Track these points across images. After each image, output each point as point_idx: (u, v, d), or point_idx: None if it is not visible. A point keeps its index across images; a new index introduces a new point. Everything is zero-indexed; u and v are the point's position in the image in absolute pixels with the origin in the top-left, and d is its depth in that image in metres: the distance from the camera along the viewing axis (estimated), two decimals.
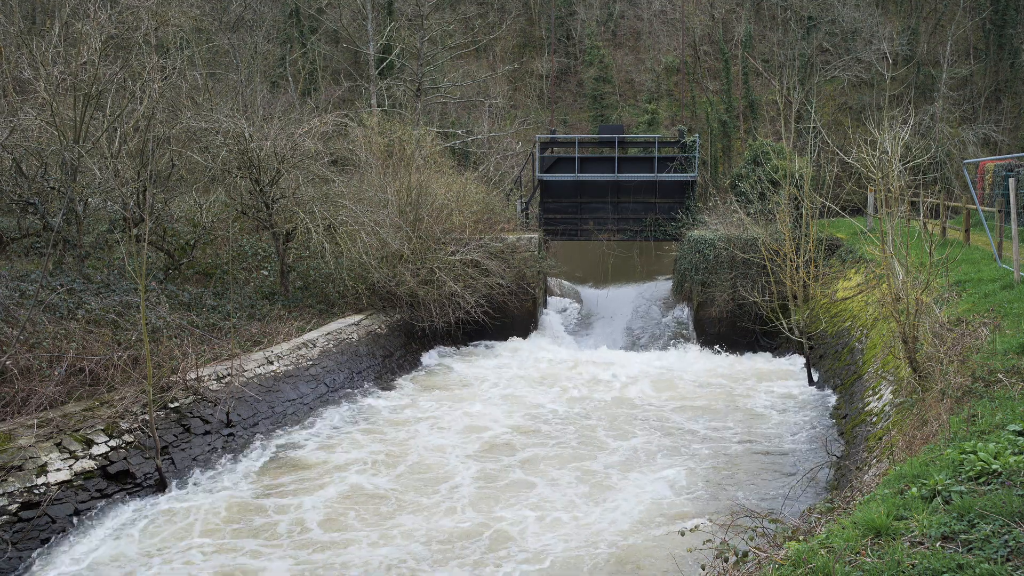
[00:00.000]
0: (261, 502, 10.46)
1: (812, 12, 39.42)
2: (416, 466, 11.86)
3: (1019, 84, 37.34)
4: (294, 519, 9.93)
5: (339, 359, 15.94)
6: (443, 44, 34.64)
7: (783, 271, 16.39)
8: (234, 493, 10.69)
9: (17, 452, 9.19)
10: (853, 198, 20.70)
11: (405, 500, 10.57)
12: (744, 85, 39.21)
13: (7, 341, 10.78)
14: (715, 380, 17.25)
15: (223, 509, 10.14)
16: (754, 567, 5.44)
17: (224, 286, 16.77)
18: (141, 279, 10.89)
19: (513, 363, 18.94)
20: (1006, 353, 8.37)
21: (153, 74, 16.72)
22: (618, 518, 9.85)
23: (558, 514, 10.07)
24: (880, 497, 5.44)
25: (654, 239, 24.82)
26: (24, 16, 23.36)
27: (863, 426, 11.26)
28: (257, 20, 34.23)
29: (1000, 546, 4.27)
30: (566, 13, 44.72)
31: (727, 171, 33.62)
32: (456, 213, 20.84)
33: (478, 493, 10.85)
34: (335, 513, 10.14)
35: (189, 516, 9.88)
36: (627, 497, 10.52)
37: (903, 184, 10.81)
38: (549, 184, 24.99)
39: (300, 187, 17.27)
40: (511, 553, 9.00)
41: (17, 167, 14.34)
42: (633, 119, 38.56)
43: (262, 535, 9.49)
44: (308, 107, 27.59)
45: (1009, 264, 13.03)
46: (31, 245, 15.65)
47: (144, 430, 10.66)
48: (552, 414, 14.63)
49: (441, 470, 11.70)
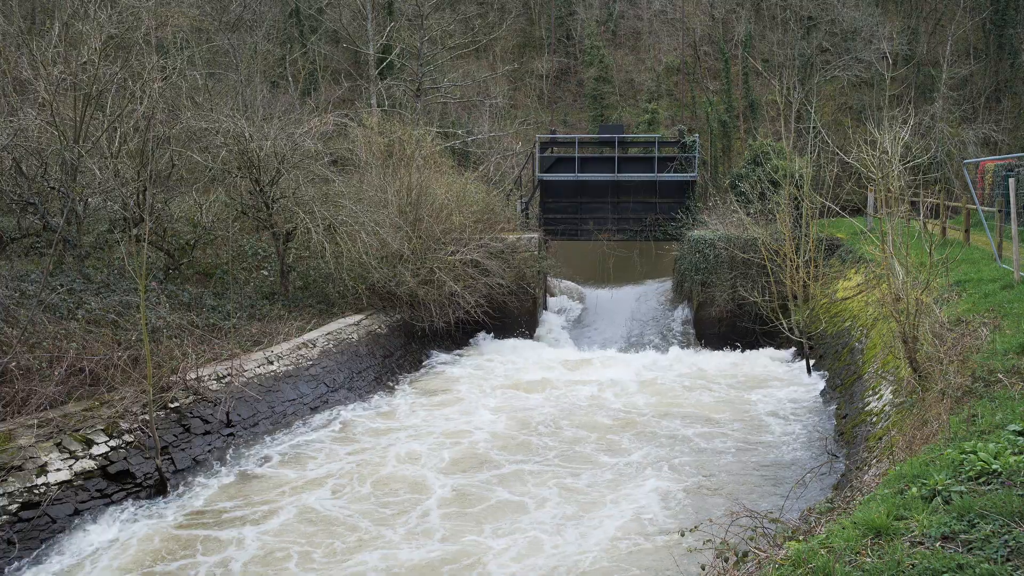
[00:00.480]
0: (194, 533, 9.43)
1: (812, 12, 39.41)
2: (385, 482, 11.01)
3: (1019, 84, 37.33)
4: (220, 561, 8.77)
5: (339, 359, 15.93)
6: (443, 44, 34.62)
7: (783, 271, 16.40)
8: (159, 526, 9.60)
9: (17, 452, 9.19)
10: (853, 198, 20.68)
11: (363, 529, 9.64)
12: (744, 85, 39.20)
13: (7, 341, 10.77)
14: (715, 380, 17.24)
15: (137, 545, 9.03)
16: (754, 567, 5.44)
17: (224, 286, 16.77)
18: (141, 279, 10.88)
19: (512, 365, 18.92)
20: (1006, 353, 8.37)
21: (153, 74, 16.72)
22: (605, 531, 9.54)
23: (548, 537, 9.31)
24: (880, 497, 5.44)
25: (654, 239, 24.81)
26: (24, 16, 23.34)
27: (863, 426, 11.26)
28: (257, 20, 34.23)
29: (1000, 546, 4.27)
30: (566, 13, 44.71)
31: (727, 171, 33.60)
32: (456, 213, 20.83)
33: (454, 515, 10.04)
34: (277, 549, 9.10)
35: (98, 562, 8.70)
36: (621, 511, 10.11)
37: (903, 184, 10.80)
38: (549, 184, 24.98)
39: (300, 187, 17.26)
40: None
41: (17, 167, 14.34)
42: (633, 119, 38.54)
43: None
44: (308, 107, 27.59)
45: (1009, 264, 13.03)
46: (31, 245, 15.64)
47: (144, 430, 10.65)
48: (550, 419, 14.62)
49: (417, 489, 10.83)
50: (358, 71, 36.12)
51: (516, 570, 8.62)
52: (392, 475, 11.46)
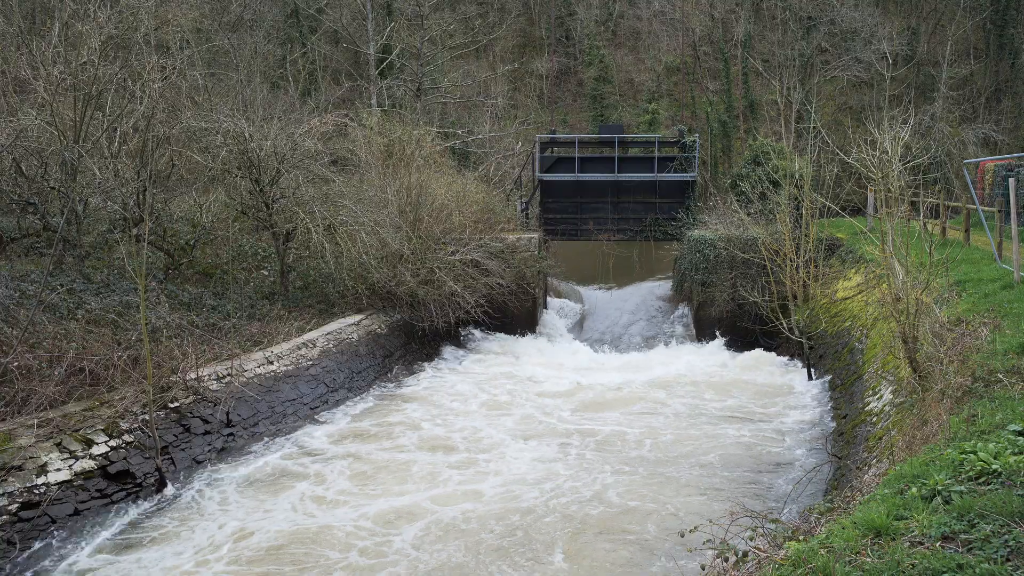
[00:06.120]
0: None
1: (811, 12, 39.41)
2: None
3: (1019, 84, 37.33)
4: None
5: (339, 359, 15.94)
6: (443, 44, 34.63)
7: (783, 271, 16.39)
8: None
9: (17, 452, 9.19)
10: (853, 198, 20.69)
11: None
12: (744, 85, 39.21)
13: (7, 341, 10.77)
14: (715, 380, 17.24)
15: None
16: (754, 567, 5.43)
17: (224, 286, 16.77)
18: (141, 279, 10.88)
19: (510, 367, 18.91)
20: (1006, 353, 8.36)
21: (153, 74, 16.72)
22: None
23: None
24: (880, 497, 5.44)
25: (654, 239, 24.81)
26: (24, 16, 23.35)
27: (863, 426, 11.26)
28: (257, 20, 34.21)
29: (1000, 546, 4.27)
30: (566, 13, 44.70)
31: (727, 171, 33.61)
32: (456, 213, 20.84)
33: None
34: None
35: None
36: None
37: (903, 184, 10.80)
38: (549, 184, 24.98)
39: (300, 187, 17.27)
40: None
41: (17, 167, 14.34)
42: (633, 119, 38.55)
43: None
44: (308, 107, 27.59)
45: (1009, 264, 13.03)
46: (31, 245, 15.64)
47: (144, 430, 10.66)
48: (549, 426, 14.63)
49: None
50: (358, 71, 36.11)
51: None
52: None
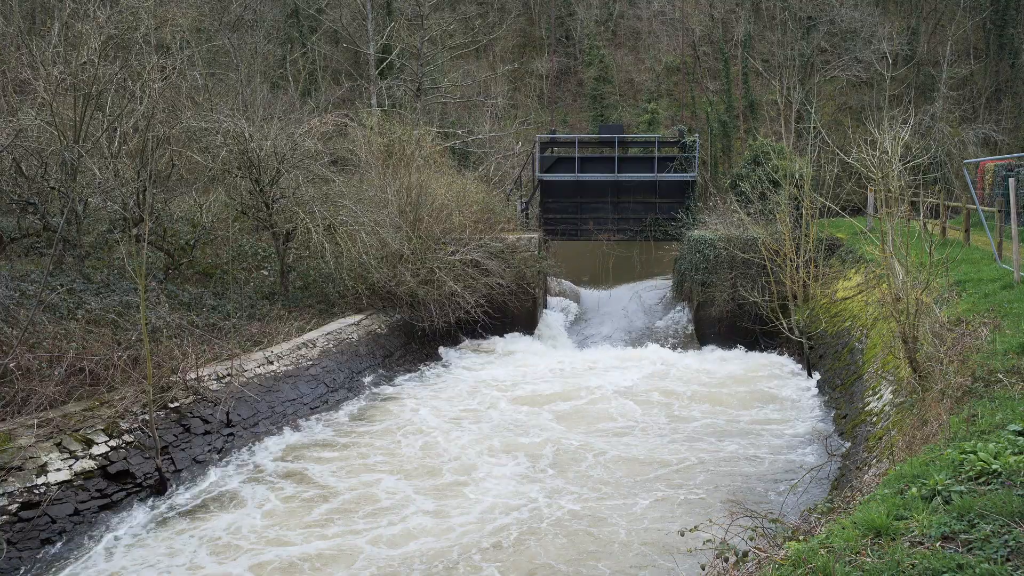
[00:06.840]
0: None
1: (811, 12, 39.41)
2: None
3: (1019, 84, 37.33)
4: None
5: (339, 359, 15.94)
6: (443, 44, 34.63)
7: (783, 271, 16.40)
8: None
9: (17, 452, 9.19)
10: (853, 198, 20.68)
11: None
12: (744, 85, 39.21)
13: (7, 341, 10.77)
14: (714, 380, 17.23)
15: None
16: (754, 567, 5.43)
17: (224, 286, 16.77)
18: (141, 279, 10.88)
19: (510, 367, 18.91)
20: (1006, 353, 8.36)
21: (153, 74, 16.72)
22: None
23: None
24: (880, 497, 5.44)
25: (654, 239, 24.81)
26: (24, 16, 23.35)
27: (863, 426, 11.26)
28: (257, 20, 34.19)
29: (1000, 546, 4.27)
30: (566, 13, 44.71)
31: (727, 171, 33.61)
32: (456, 213, 20.83)
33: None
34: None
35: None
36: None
37: (903, 184, 10.80)
38: (549, 184, 24.98)
39: (300, 187, 17.27)
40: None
41: (17, 167, 14.34)
42: (633, 119, 38.56)
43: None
44: (308, 107, 27.59)
45: (1009, 264, 13.03)
46: (31, 245, 15.64)
47: (144, 430, 10.66)
48: (545, 429, 14.62)
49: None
50: (358, 71, 36.12)
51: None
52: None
